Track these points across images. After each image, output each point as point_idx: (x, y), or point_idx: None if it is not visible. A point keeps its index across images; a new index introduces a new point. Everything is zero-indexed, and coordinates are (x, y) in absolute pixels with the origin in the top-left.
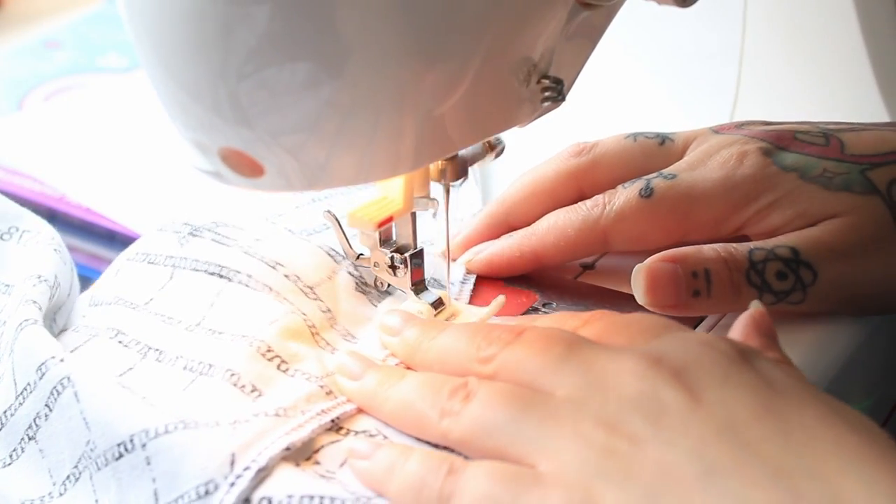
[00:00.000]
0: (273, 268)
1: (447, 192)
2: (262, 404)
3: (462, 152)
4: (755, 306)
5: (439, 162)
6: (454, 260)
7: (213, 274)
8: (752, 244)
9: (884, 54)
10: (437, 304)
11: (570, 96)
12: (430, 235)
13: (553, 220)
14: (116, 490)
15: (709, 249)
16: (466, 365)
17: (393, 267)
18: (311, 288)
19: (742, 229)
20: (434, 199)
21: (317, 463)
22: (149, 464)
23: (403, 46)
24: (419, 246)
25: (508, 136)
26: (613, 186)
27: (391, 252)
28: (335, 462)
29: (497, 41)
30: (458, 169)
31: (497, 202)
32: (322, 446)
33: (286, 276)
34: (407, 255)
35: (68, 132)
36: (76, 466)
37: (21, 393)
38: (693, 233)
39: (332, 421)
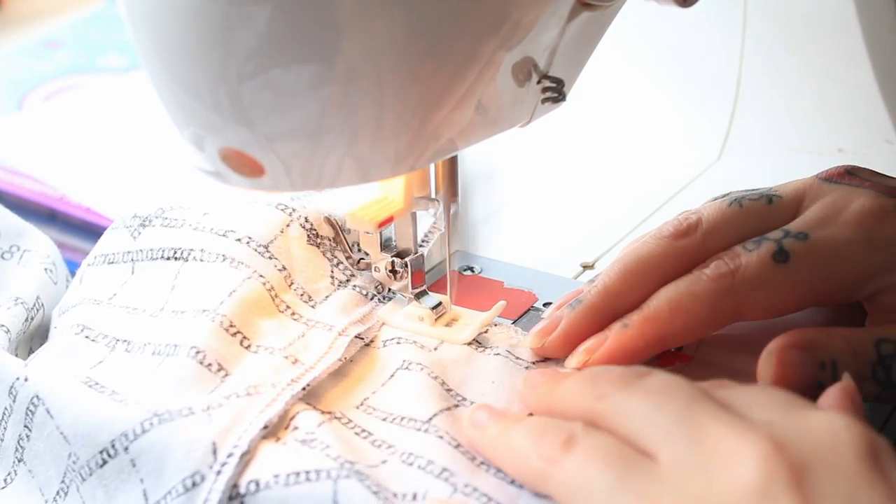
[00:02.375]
0: (224, 236)
1: (447, 208)
2: (232, 385)
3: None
4: (847, 378)
5: (440, 176)
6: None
7: (168, 258)
8: (878, 333)
9: (884, 54)
10: (438, 308)
11: (571, 96)
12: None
13: (673, 298)
14: (104, 497)
15: (839, 338)
16: (583, 402)
17: (393, 271)
18: (264, 247)
19: (874, 296)
20: (434, 200)
21: (295, 428)
22: (134, 465)
23: (405, 47)
24: (419, 250)
25: (509, 136)
26: None
27: (392, 256)
28: (313, 423)
29: (498, 41)
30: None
31: (595, 292)
32: (298, 412)
33: (238, 240)
34: (408, 259)
35: (68, 132)
36: (63, 481)
37: (2, 418)
38: (828, 298)
39: (304, 389)
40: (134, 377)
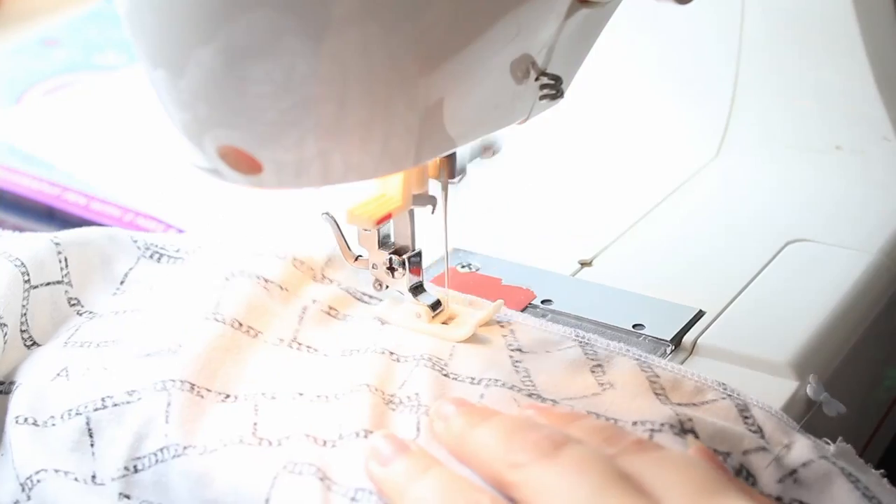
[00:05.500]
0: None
1: (445, 189)
2: None
3: (459, 151)
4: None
5: (437, 159)
6: None
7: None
8: None
9: (881, 52)
10: (436, 305)
11: (569, 93)
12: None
13: None
14: None
15: None
16: (497, 467)
17: (391, 268)
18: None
19: None
20: (433, 197)
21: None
22: None
23: (402, 43)
24: (417, 247)
25: (507, 133)
26: None
27: (389, 253)
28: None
29: (496, 38)
30: (456, 167)
31: None
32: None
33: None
34: (406, 256)
35: (66, 127)
36: None
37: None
38: None
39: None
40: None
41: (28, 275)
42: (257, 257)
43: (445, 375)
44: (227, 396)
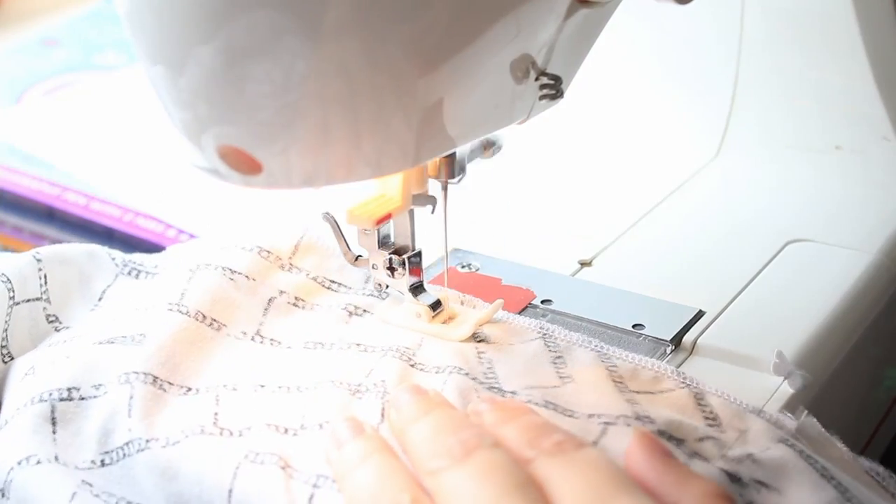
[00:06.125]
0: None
1: (445, 189)
2: None
3: (459, 150)
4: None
5: (437, 159)
6: None
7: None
8: None
9: (881, 51)
10: (436, 305)
11: (569, 93)
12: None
13: None
14: None
15: None
16: (418, 471)
17: (391, 268)
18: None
19: None
20: (432, 196)
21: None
22: None
23: (402, 43)
24: (417, 247)
25: (507, 133)
26: None
27: (389, 253)
28: None
29: (496, 38)
30: (456, 166)
31: None
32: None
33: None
34: (405, 256)
35: (66, 130)
36: None
37: None
38: None
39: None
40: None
41: (13, 291)
42: (223, 251)
43: (412, 366)
44: (189, 389)
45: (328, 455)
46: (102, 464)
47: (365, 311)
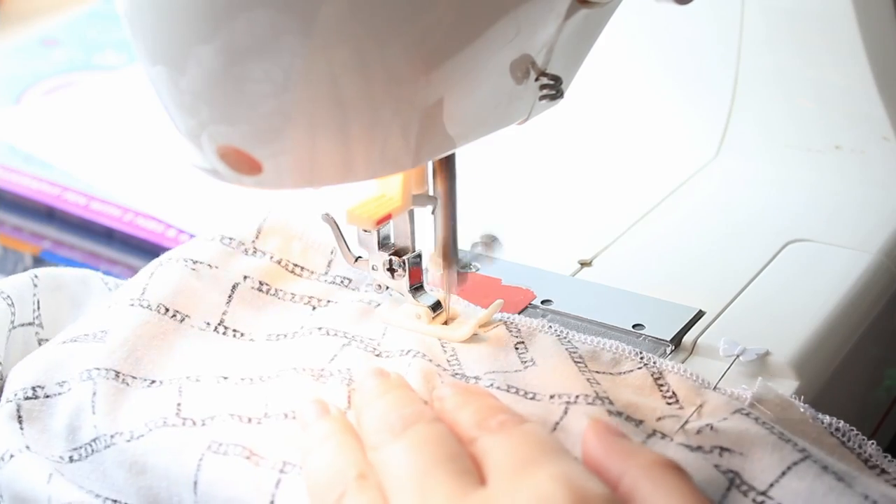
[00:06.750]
0: None
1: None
2: None
3: (461, 245)
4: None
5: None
6: None
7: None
8: None
9: (881, 51)
10: (436, 306)
11: (569, 93)
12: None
13: None
14: None
15: None
16: (367, 442)
17: (391, 269)
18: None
19: None
20: (433, 197)
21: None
22: None
23: (402, 43)
24: (417, 248)
25: (507, 134)
26: None
27: (389, 255)
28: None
29: (496, 38)
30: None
31: None
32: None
33: None
34: (405, 257)
35: (66, 130)
36: None
37: None
38: None
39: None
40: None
41: (14, 314)
42: (186, 244)
43: (378, 355)
44: (153, 382)
45: (295, 437)
46: (71, 459)
47: (329, 301)
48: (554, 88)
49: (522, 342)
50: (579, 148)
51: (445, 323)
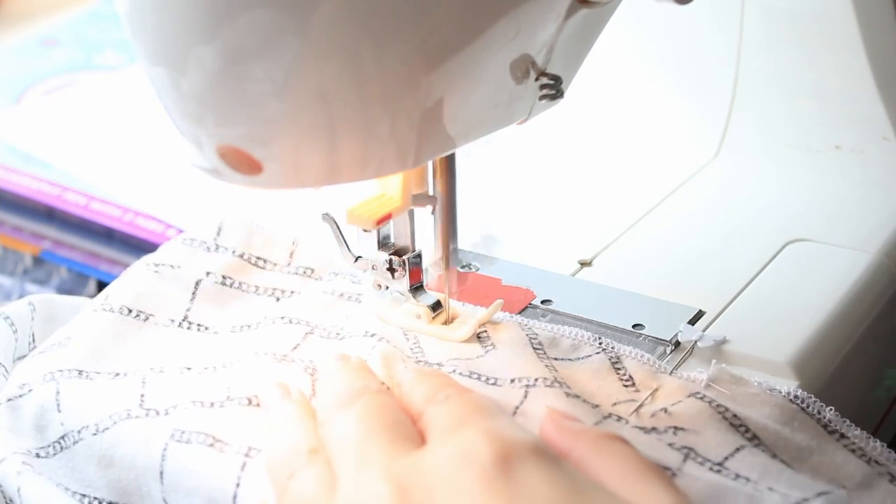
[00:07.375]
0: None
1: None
2: None
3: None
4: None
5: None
6: None
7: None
8: None
9: (881, 51)
10: (436, 306)
11: (569, 93)
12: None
13: None
14: None
15: None
16: (318, 417)
17: (391, 269)
18: None
19: None
20: (433, 197)
21: None
22: None
23: (402, 43)
24: (417, 248)
25: (507, 134)
26: None
27: (389, 254)
28: None
29: (496, 38)
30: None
31: None
32: None
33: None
34: (405, 257)
35: (66, 130)
36: None
37: None
38: None
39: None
40: None
41: (17, 340)
42: (151, 254)
43: (342, 339)
44: (117, 375)
45: (258, 421)
46: (38, 456)
47: (293, 292)
48: (554, 88)
49: (485, 330)
50: (579, 148)
51: (445, 323)
